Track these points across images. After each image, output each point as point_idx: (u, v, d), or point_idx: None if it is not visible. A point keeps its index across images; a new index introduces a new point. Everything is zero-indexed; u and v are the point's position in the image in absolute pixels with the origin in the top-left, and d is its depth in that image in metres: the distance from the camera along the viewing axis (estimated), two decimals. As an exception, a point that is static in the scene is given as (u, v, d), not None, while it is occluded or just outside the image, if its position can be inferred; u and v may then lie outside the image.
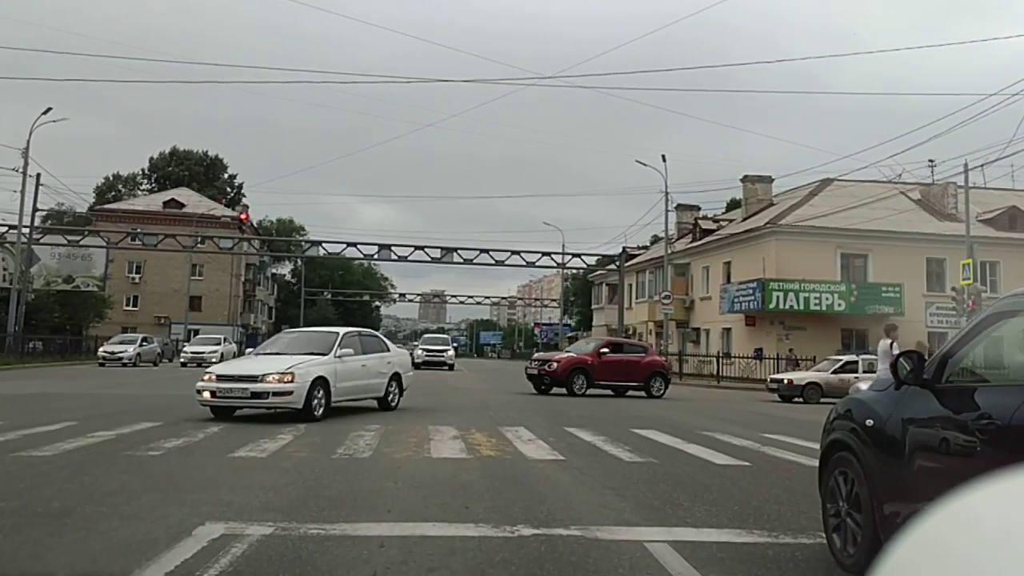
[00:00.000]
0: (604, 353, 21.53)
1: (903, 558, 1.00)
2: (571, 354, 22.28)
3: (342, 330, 13.55)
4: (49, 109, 33.25)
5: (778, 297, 34.32)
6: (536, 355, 26.93)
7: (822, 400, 22.34)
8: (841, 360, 24.38)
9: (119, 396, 16.48)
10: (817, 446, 10.39)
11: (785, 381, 23.78)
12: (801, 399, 22.70)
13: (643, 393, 21.42)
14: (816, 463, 8.84)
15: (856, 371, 23.10)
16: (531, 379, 21.81)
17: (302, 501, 5.78)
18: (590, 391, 20.93)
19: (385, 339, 14.84)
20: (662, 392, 21.66)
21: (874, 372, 23.35)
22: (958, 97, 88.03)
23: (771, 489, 7.06)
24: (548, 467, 7.94)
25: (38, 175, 35.87)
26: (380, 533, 4.86)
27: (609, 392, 21.50)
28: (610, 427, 12.14)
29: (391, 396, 13.99)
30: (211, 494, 5.95)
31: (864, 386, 4.75)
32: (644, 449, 9.55)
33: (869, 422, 4.20)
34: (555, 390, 21.09)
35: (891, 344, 13.81)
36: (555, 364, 21.10)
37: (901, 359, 3.91)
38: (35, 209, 36.62)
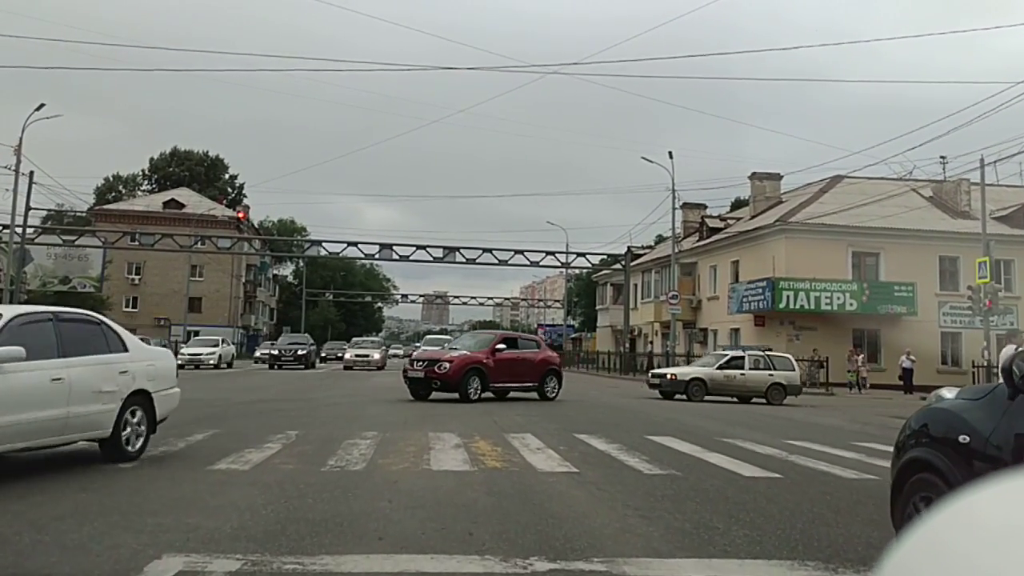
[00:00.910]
0: (499, 350, 18.37)
1: (906, 558, 0.99)
2: (463, 352, 18.55)
3: (8, 311, 7.08)
4: (42, 105, 32.46)
5: (788, 297, 33.51)
6: (417, 354, 21.88)
7: (706, 398, 21.35)
8: (727, 355, 23.04)
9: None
10: (850, 455, 9.80)
11: (668, 376, 22.43)
12: (684, 396, 21.29)
13: (536, 395, 18.73)
14: (854, 475, 8.25)
15: (742, 367, 22.03)
16: (412, 383, 18.14)
17: (281, 526, 5.01)
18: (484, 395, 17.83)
19: (119, 330, 8.13)
20: (555, 393, 18.95)
21: (759, 368, 22.37)
22: (966, 95, 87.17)
23: (812, 507, 6.28)
24: (560, 481, 7.17)
25: (31, 172, 35.21)
26: (368, 568, 4.10)
27: (493, 396, 18.18)
28: (623, 434, 11.37)
29: (128, 435, 7.74)
30: (177, 517, 5.19)
31: (950, 394, 3.96)
32: (663, 459, 8.78)
33: (964, 438, 3.44)
34: (437, 395, 17.74)
35: (1016, 349, 12.90)
36: (447, 365, 17.61)
37: (1016, 363, 3.14)
38: (28, 208, 35.87)
